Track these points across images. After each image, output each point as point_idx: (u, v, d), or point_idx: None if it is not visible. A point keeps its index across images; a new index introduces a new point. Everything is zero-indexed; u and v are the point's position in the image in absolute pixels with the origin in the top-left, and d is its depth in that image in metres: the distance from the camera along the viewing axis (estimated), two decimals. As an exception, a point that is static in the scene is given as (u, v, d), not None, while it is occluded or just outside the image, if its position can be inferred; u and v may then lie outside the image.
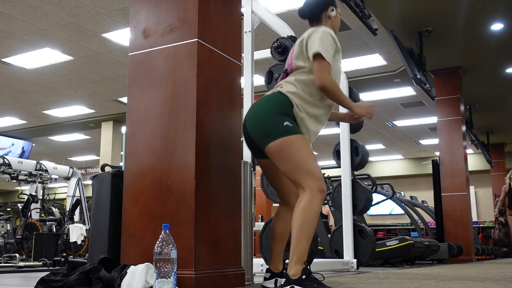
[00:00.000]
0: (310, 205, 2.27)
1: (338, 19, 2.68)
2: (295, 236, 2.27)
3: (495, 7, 6.73)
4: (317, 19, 2.62)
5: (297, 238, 2.26)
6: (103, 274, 2.18)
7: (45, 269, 5.09)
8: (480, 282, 3.01)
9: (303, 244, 2.26)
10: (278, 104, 2.42)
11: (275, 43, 3.89)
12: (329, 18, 2.62)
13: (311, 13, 2.64)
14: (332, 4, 2.65)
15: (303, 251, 2.26)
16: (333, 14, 2.63)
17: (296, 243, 2.26)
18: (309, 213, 2.27)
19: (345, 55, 8.57)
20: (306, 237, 2.27)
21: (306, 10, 2.67)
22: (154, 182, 2.43)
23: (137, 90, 2.60)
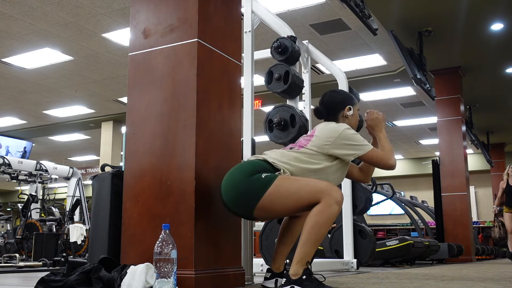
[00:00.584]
0: (323, 211, 2.21)
1: (356, 118, 2.62)
2: (303, 238, 2.25)
3: (495, 7, 6.73)
4: (333, 118, 2.58)
5: (304, 240, 2.24)
6: (103, 274, 2.18)
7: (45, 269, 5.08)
8: (480, 282, 3.01)
9: (309, 247, 2.24)
10: (248, 167, 2.33)
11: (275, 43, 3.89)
12: (346, 118, 2.58)
13: (327, 113, 2.60)
14: (350, 103, 2.60)
15: (307, 254, 2.25)
16: (350, 113, 2.58)
17: (303, 245, 2.24)
18: (322, 218, 2.22)
19: (345, 55, 8.58)
20: (313, 241, 2.24)
21: (321, 110, 2.62)
22: (154, 182, 2.43)
23: (137, 90, 2.60)
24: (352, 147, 2.40)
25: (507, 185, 7.85)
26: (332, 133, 2.41)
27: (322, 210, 2.22)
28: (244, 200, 2.27)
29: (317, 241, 2.25)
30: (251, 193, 2.25)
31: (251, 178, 2.26)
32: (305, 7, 6.87)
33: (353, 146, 2.40)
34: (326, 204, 2.22)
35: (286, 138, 3.59)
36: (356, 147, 2.40)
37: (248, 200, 2.26)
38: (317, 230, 2.24)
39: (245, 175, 2.29)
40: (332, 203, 2.22)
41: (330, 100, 2.63)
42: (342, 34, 7.74)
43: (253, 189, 2.25)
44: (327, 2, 6.65)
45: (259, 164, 2.36)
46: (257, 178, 2.26)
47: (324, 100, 2.65)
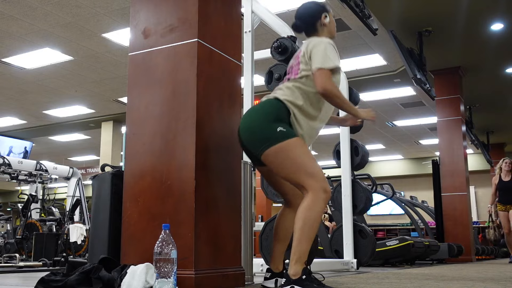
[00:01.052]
0: (313, 205, 2.26)
1: (333, 23, 2.66)
2: (297, 236, 2.27)
3: (495, 7, 6.73)
4: (312, 29, 2.61)
5: (298, 238, 2.26)
6: (103, 274, 2.18)
7: (45, 269, 5.08)
8: (480, 282, 3.01)
9: (304, 244, 2.26)
10: (272, 111, 2.39)
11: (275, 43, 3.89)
12: (325, 26, 2.60)
13: (306, 26, 2.63)
14: (324, 10, 2.63)
15: (304, 251, 2.26)
16: (327, 20, 2.61)
17: (298, 243, 2.26)
18: (312, 213, 2.26)
19: (345, 55, 8.58)
20: (308, 238, 2.27)
21: (300, 24, 2.66)
22: (154, 182, 2.43)
23: (137, 90, 2.60)
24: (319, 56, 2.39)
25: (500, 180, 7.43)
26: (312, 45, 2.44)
27: (311, 204, 2.27)
28: (258, 142, 2.36)
29: (311, 237, 2.28)
30: (265, 138, 2.34)
31: (271, 125, 2.34)
32: (305, 7, 6.85)
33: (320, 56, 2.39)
34: (314, 197, 2.27)
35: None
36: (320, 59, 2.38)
37: (261, 143, 2.35)
38: (310, 226, 2.27)
39: (267, 119, 2.37)
40: (319, 189, 2.27)
41: (305, 12, 2.65)
42: (342, 34, 7.74)
43: (268, 136, 2.33)
44: (327, 2, 6.65)
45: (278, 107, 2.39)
46: (273, 128, 2.34)
47: (299, 13, 2.67)
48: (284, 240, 2.62)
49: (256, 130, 2.38)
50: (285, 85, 2.50)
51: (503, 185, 7.37)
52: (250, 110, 2.52)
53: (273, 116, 2.37)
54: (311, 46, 2.46)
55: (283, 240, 2.62)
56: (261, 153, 2.35)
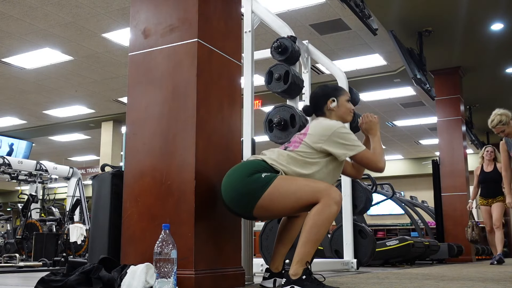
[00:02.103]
0: (323, 211, 2.22)
1: (345, 108, 2.60)
2: (303, 238, 2.25)
3: (495, 7, 6.73)
4: (320, 113, 2.60)
5: (304, 240, 2.25)
6: (103, 274, 2.18)
7: (45, 269, 5.08)
8: (480, 282, 3.01)
9: (308, 247, 2.25)
10: (251, 167, 2.34)
11: (275, 43, 3.89)
12: (332, 110, 2.57)
13: (313, 109, 2.64)
14: (332, 95, 2.59)
15: (307, 253, 2.25)
16: (333, 105, 2.57)
17: (302, 245, 2.25)
18: (321, 218, 2.23)
19: (345, 55, 8.59)
20: (313, 241, 2.24)
21: (308, 108, 2.67)
22: (154, 182, 2.43)
23: (137, 90, 2.60)
24: (345, 146, 2.40)
25: (482, 171, 6.74)
26: (326, 130, 2.42)
27: (321, 210, 2.23)
28: (244, 200, 2.29)
29: (317, 241, 2.26)
30: (250, 192, 2.27)
31: (251, 178, 2.28)
32: (305, 7, 6.87)
33: (345, 145, 2.40)
34: (325, 204, 2.22)
35: (286, 138, 3.59)
36: (348, 147, 2.41)
37: (247, 200, 2.28)
38: (317, 230, 2.24)
39: (245, 175, 2.30)
40: (331, 203, 2.23)
41: (313, 95, 2.66)
42: (342, 34, 7.74)
43: (253, 189, 2.26)
44: (327, 2, 6.65)
45: (259, 164, 2.37)
46: (257, 178, 2.28)
47: (310, 96, 2.69)
48: (287, 243, 2.62)
49: (238, 188, 2.29)
50: (277, 151, 2.45)
51: (485, 177, 6.69)
52: (230, 171, 2.40)
53: (254, 170, 2.32)
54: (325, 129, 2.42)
55: (286, 244, 2.62)
56: (253, 208, 2.28)
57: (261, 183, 2.26)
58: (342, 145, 2.40)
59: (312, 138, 2.42)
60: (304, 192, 2.27)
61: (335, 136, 2.40)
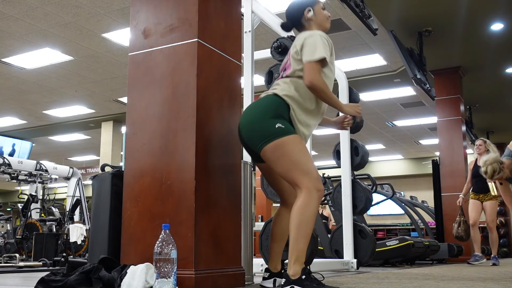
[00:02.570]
0: (307, 204, 2.28)
1: (322, 15, 2.65)
2: (293, 235, 2.27)
3: (495, 7, 6.72)
4: (300, 26, 2.63)
5: (295, 238, 2.27)
6: (103, 274, 2.18)
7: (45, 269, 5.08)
8: (480, 282, 3.01)
9: (301, 244, 2.26)
10: (271, 107, 2.41)
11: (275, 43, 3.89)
12: (310, 20, 2.60)
13: (292, 23, 2.66)
14: (307, 5, 2.62)
15: (301, 250, 2.26)
16: (310, 14, 2.61)
17: (294, 242, 2.27)
18: (306, 212, 2.27)
19: (345, 55, 8.58)
20: (304, 237, 2.27)
21: (287, 23, 2.69)
22: (154, 182, 2.43)
23: (137, 90, 2.60)
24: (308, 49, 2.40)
25: (475, 165, 6.46)
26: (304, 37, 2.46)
27: (305, 202, 2.28)
28: (258, 137, 2.38)
29: (308, 235, 2.29)
30: (265, 134, 2.36)
31: (270, 122, 2.36)
32: (305, 7, 6.85)
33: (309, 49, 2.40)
34: (307, 195, 2.28)
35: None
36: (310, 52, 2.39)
37: (260, 139, 2.37)
38: (305, 225, 2.27)
39: (266, 115, 2.39)
40: (312, 187, 2.29)
41: (289, 10, 2.67)
42: (342, 34, 7.74)
43: (268, 133, 2.35)
44: (327, 2, 6.65)
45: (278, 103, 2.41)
46: (272, 124, 2.35)
47: (286, 12, 2.69)
48: (280, 240, 2.63)
49: (255, 127, 2.40)
50: (282, 80, 2.51)
51: (477, 171, 6.17)
52: (250, 107, 2.53)
53: (272, 112, 2.39)
54: (301, 40, 2.47)
55: (279, 240, 2.63)
56: (260, 149, 2.37)
57: (274, 132, 2.34)
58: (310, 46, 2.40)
59: (295, 50, 2.47)
60: (299, 164, 2.33)
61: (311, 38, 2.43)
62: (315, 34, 2.46)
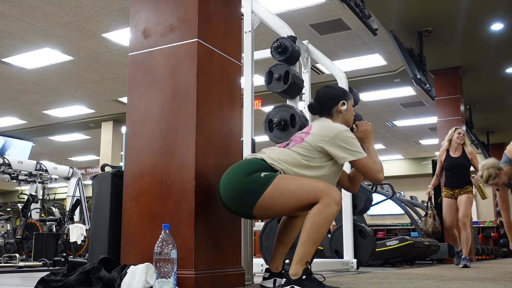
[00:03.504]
0: (322, 211, 2.22)
1: (351, 112, 2.61)
2: (302, 238, 2.25)
3: (495, 7, 6.73)
4: (327, 113, 2.57)
5: (303, 240, 2.25)
6: (103, 274, 2.18)
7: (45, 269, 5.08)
8: (480, 282, 3.01)
9: (308, 247, 2.25)
10: (251, 166, 2.32)
11: (275, 43, 3.89)
12: (340, 113, 2.56)
13: (321, 108, 2.59)
14: (343, 98, 2.58)
15: (307, 253, 2.25)
16: (344, 108, 2.56)
17: (302, 245, 2.25)
18: (321, 218, 2.22)
19: (345, 55, 8.58)
20: (313, 241, 2.24)
21: (315, 106, 2.61)
22: (154, 182, 2.43)
23: (137, 90, 2.60)
24: (347, 150, 2.38)
25: (448, 156, 5.67)
26: (329, 132, 2.40)
27: (321, 210, 2.22)
28: (243, 199, 2.28)
29: (316, 240, 2.25)
30: (250, 192, 2.26)
31: (250, 177, 2.27)
32: (305, 7, 6.87)
33: (347, 149, 2.38)
34: (325, 204, 2.22)
35: (286, 138, 3.59)
36: (351, 152, 2.39)
37: (247, 199, 2.27)
38: (317, 230, 2.24)
39: (243, 174, 2.29)
40: (331, 203, 2.22)
41: (324, 95, 2.61)
42: (342, 34, 7.74)
43: (252, 188, 2.25)
44: (327, 2, 6.65)
45: (258, 162, 2.36)
46: (256, 177, 2.27)
47: (318, 95, 2.64)
48: (287, 243, 2.62)
49: (237, 187, 2.28)
50: (278, 149, 2.44)
51: (452, 163, 5.60)
52: (228, 170, 2.39)
53: (253, 169, 2.31)
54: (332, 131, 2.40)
55: (286, 244, 2.62)
56: (252, 208, 2.28)
57: (261, 182, 2.26)
58: (344, 149, 2.38)
59: (314, 138, 2.41)
60: (304, 191, 2.26)
61: (338, 138, 2.38)
62: (344, 131, 2.41)
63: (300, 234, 2.28)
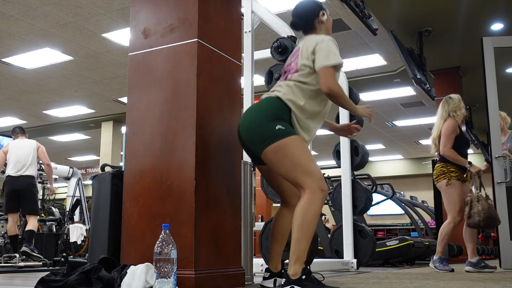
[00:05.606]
0: (310, 204, 2.27)
1: (330, 22, 2.68)
2: (295, 235, 2.27)
3: (495, 7, 6.73)
4: (311, 27, 2.62)
5: (296, 238, 2.26)
6: (103, 274, 2.18)
7: (45, 269, 5.08)
8: (480, 282, 3.01)
9: (303, 244, 2.26)
10: (272, 109, 2.40)
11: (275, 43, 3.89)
12: (322, 23, 2.61)
13: (304, 23, 2.63)
14: (322, 8, 2.64)
15: (302, 250, 2.26)
16: (324, 18, 2.62)
17: (296, 242, 2.26)
18: (310, 212, 2.26)
19: (345, 55, 8.58)
20: (306, 237, 2.26)
21: (298, 22, 2.66)
22: (154, 182, 2.43)
23: (137, 90, 2.60)
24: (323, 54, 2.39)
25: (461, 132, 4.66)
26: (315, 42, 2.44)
27: (309, 203, 2.27)
28: (258, 140, 2.37)
29: (309, 236, 2.28)
30: (264, 137, 2.35)
31: (270, 124, 2.35)
32: (305, 7, 6.86)
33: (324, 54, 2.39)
34: (311, 195, 2.27)
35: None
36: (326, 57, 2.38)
37: (260, 142, 2.36)
38: (307, 225, 2.27)
39: (266, 118, 2.38)
40: (316, 188, 2.27)
41: (303, 9, 2.66)
42: (342, 34, 7.74)
43: (268, 135, 2.34)
44: (327, 2, 6.65)
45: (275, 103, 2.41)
46: (274, 126, 2.34)
47: (297, 11, 2.67)
48: (281, 240, 2.63)
49: (255, 129, 2.38)
50: (285, 83, 2.49)
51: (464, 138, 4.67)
52: (250, 109, 2.52)
53: (273, 115, 2.38)
54: (313, 43, 2.46)
55: (280, 240, 2.63)
56: (261, 152, 2.36)
57: (276, 134, 2.33)
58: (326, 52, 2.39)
59: (304, 56, 2.46)
60: (301, 165, 2.32)
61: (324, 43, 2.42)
62: (326, 39, 2.45)
63: (292, 232, 2.30)
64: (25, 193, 5.96)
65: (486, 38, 5.85)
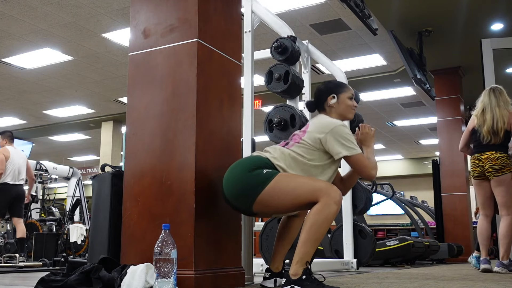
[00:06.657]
0: (322, 210, 2.22)
1: (346, 105, 2.59)
2: (302, 237, 2.25)
3: (495, 7, 6.73)
4: (321, 108, 2.61)
5: (303, 240, 2.25)
6: (103, 274, 2.18)
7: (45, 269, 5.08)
8: (480, 282, 3.01)
9: (308, 247, 2.24)
10: (254, 163, 2.35)
11: (275, 43, 3.89)
12: (332, 107, 2.57)
13: (315, 104, 2.63)
14: (334, 91, 2.59)
15: (307, 253, 2.25)
16: (333, 102, 2.56)
17: (302, 244, 2.25)
18: (320, 217, 2.22)
19: (345, 55, 8.58)
20: (313, 241, 2.24)
21: (311, 103, 2.66)
22: (154, 182, 2.43)
23: (137, 90, 2.60)
24: (342, 145, 2.39)
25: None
26: (325, 127, 2.42)
27: (321, 209, 2.22)
28: (244, 195, 2.30)
29: (316, 240, 2.25)
30: (251, 187, 2.28)
31: (252, 173, 2.29)
32: (305, 7, 6.87)
33: (343, 144, 2.39)
34: (325, 204, 2.22)
35: (286, 138, 3.59)
36: (345, 147, 2.39)
37: (248, 195, 2.29)
38: (316, 229, 2.24)
39: (246, 170, 2.31)
40: (331, 202, 2.22)
41: (317, 90, 2.66)
42: (342, 34, 7.74)
43: (254, 184, 2.27)
44: (327, 2, 6.65)
45: (261, 160, 2.37)
46: (257, 174, 2.29)
47: (315, 91, 2.68)
48: (287, 243, 2.62)
49: (239, 182, 2.31)
50: (280, 149, 2.44)
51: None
52: (232, 166, 2.42)
53: (255, 166, 2.33)
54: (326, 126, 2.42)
55: (286, 243, 2.62)
56: (253, 203, 2.29)
57: (262, 179, 2.27)
58: (340, 144, 2.38)
59: (311, 135, 2.43)
60: (303, 190, 2.27)
61: (334, 133, 2.39)
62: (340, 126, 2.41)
63: (300, 234, 2.28)
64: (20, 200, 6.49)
65: (485, 40, 5.85)
